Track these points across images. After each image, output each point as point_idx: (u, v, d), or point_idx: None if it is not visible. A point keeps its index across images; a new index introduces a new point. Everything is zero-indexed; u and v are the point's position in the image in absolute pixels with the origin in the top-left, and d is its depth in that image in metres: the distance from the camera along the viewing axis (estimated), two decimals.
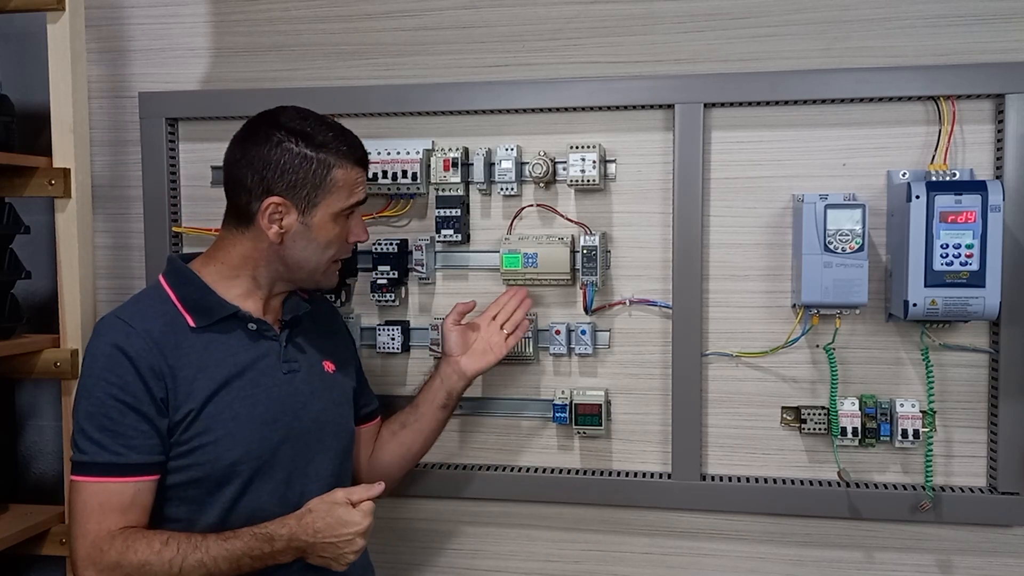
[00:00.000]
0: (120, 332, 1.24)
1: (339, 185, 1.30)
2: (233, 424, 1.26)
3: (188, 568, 1.18)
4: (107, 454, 1.21)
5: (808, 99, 1.53)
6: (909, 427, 1.50)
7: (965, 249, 1.40)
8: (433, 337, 1.65)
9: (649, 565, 1.65)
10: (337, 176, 1.30)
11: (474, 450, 1.69)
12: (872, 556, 1.58)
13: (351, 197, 1.33)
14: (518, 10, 1.63)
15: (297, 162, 1.27)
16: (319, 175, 1.28)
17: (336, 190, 1.30)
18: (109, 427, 1.21)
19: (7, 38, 1.84)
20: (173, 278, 1.32)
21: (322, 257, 1.33)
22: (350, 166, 1.31)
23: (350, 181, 1.32)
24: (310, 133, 1.29)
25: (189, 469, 1.25)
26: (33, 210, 1.77)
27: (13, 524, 1.64)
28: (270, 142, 1.28)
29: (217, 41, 1.74)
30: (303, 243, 1.31)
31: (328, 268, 1.36)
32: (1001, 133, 1.48)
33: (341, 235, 1.34)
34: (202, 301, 1.30)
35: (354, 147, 1.33)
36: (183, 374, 1.24)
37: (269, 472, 1.29)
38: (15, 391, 1.89)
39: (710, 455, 1.61)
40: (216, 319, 1.29)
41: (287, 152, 1.27)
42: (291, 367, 1.33)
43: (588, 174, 1.55)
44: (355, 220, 1.37)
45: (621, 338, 1.63)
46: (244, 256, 1.32)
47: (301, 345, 1.37)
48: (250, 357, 1.30)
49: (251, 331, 1.31)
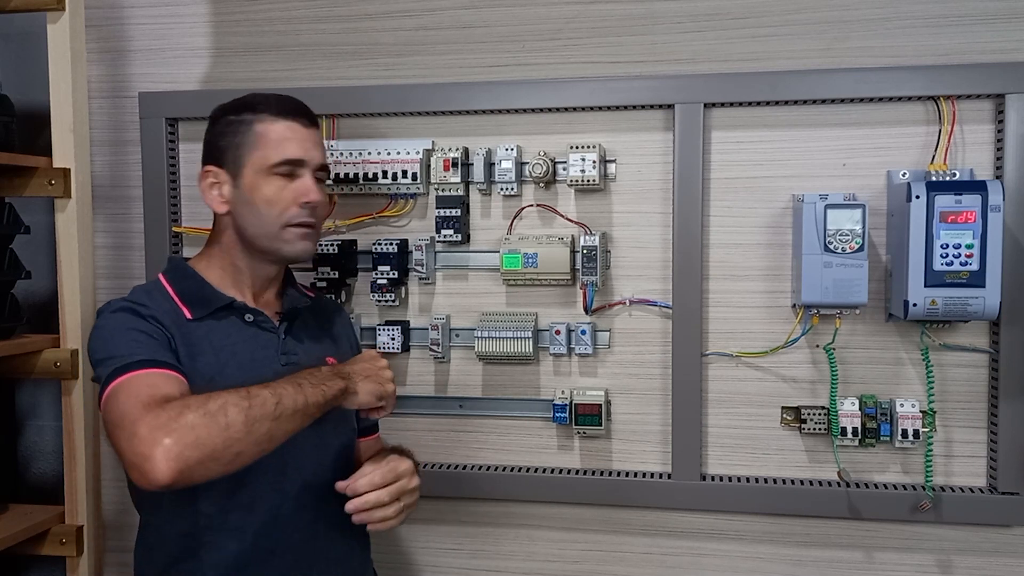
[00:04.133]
0: (130, 304, 1.24)
1: (263, 139, 1.29)
2: None
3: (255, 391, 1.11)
4: (144, 351, 1.16)
5: (808, 99, 1.53)
6: (909, 427, 1.50)
7: (965, 249, 1.40)
8: (433, 337, 1.65)
9: (649, 565, 1.65)
10: (259, 130, 1.29)
11: (474, 450, 1.69)
12: (872, 556, 1.58)
13: (279, 150, 1.28)
14: (518, 10, 1.63)
15: (222, 129, 1.32)
16: (241, 133, 1.30)
17: (261, 144, 1.29)
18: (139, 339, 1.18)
19: (7, 38, 1.84)
20: (171, 274, 1.33)
21: (269, 220, 1.29)
22: (273, 119, 1.30)
23: (276, 134, 1.29)
24: (241, 103, 1.32)
25: None
26: (33, 210, 1.77)
27: (13, 524, 1.64)
28: (210, 125, 1.34)
29: (217, 41, 1.74)
30: (246, 209, 1.29)
31: (283, 232, 1.30)
32: (1001, 133, 1.48)
33: (284, 195, 1.29)
34: (197, 293, 1.30)
35: (281, 101, 1.32)
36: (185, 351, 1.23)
37: (267, 462, 1.23)
38: (15, 391, 1.89)
39: (710, 455, 1.61)
40: (212, 309, 1.29)
41: (217, 123, 1.33)
42: (290, 359, 1.32)
43: (588, 174, 1.55)
44: (304, 180, 1.30)
45: (621, 338, 1.63)
46: (220, 243, 1.33)
47: (301, 338, 1.36)
48: (248, 348, 1.29)
49: (248, 322, 1.31)
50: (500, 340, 1.60)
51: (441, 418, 1.69)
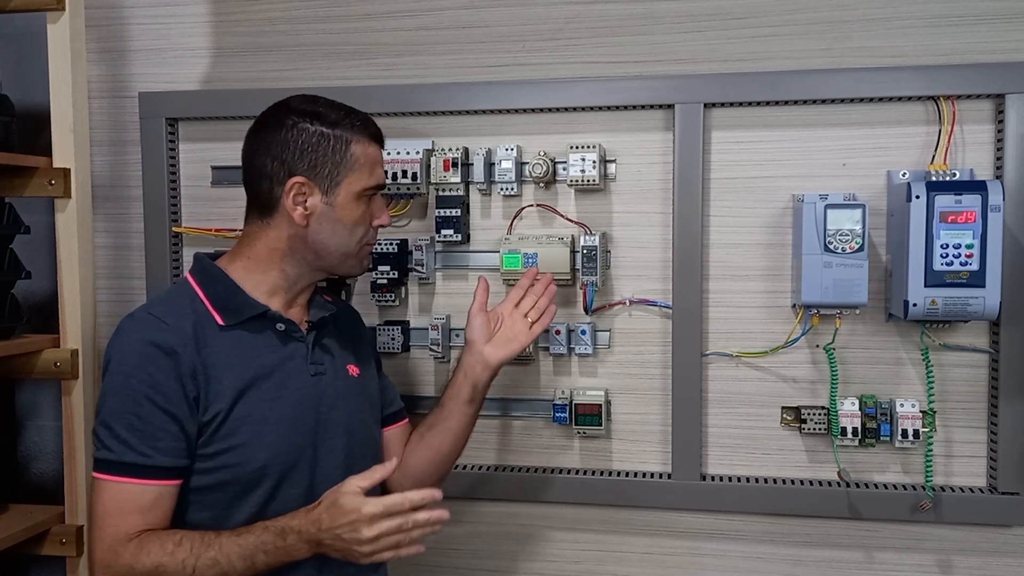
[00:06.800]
0: (153, 328, 1.21)
1: (360, 162, 1.29)
2: (263, 427, 1.22)
3: (202, 567, 1.14)
4: (132, 454, 1.17)
5: (808, 99, 1.53)
6: (909, 427, 1.50)
7: (965, 249, 1.40)
8: (433, 337, 1.65)
9: (649, 565, 1.65)
10: (356, 152, 1.28)
11: (474, 450, 1.69)
12: (872, 556, 1.58)
13: (372, 176, 1.30)
14: (518, 10, 1.63)
15: (315, 140, 1.26)
16: (339, 151, 1.27)
17: (358, 167, 1.28)
18: (137, 426, 1.17)
19: (7, 38, 1.84)
20: (201, 276, 1.29)
21: (351, 240, 1.30)
22: (367, 142, 1.30)
23: (370, 158, 1.30)
24: (322, 112, 1.28)
25: (216, 472, 1.21)
26: (33, 210, 1.77)
27: (13, 524, 1.64)
28: (284, 126, 1.27)
29: (217, 41, 1.74)
30: (329, 225, 1.28)
31: (360, 251, 1.33)
32: (1001, 133, 1.48)
33: (366, 216, 1.31)
34: (231, 299, 1.26)
35: (367, 123, 1.32)
36: (213, 373, 1.21)
37: (296, 477, 1.24)
38: (15, 391, 1.89)
39: (710, 455, 1.61)
40: (245, 318, 1.26)
41: (303, 132, 1.26)
42: (318, 369, 1.30)
43: (588, 174, 1.55)
44: (377, 202, 1.34)
45: (621, 338, 1.63)
46: (271, 248, 1.28)
47: (327, 347, 1.34)
48: (277, 358, 1.27)
49: (279, 331, 1.28)
50: None
51: None
